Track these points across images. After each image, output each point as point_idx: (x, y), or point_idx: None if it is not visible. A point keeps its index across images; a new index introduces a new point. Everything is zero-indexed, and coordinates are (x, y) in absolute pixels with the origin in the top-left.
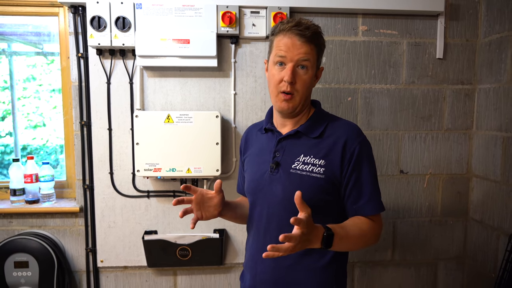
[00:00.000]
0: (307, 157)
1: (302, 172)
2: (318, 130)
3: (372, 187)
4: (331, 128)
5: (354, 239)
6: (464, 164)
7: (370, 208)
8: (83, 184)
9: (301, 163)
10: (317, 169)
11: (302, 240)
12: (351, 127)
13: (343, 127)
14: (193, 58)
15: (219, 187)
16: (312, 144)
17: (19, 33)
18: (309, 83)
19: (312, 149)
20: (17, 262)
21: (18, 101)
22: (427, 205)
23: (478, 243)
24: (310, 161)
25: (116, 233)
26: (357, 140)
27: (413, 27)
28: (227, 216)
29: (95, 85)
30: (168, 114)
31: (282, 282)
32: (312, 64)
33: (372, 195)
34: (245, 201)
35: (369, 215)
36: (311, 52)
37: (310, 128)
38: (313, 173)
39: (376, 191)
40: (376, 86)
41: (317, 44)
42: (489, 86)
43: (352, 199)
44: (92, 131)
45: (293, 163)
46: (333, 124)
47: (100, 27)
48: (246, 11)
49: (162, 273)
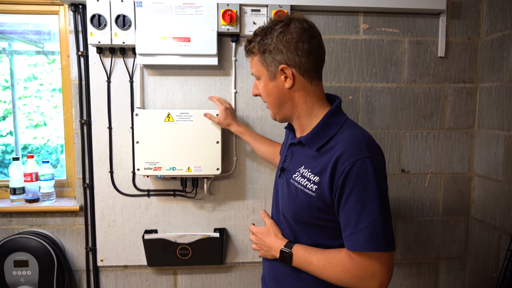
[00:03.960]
0: (306, 170)
1: (297, 185)
2: (319, 142)
3: (358, 218)
4: (335, 140)
5: (316, 269)
6: (466, 163)
7: (351, 243)
8: (83, 183)
9: (300, 175)
10: (310, 186)
11: (259, 245)
12: (350, 142)
13: (343, 140)
14: (193, 56)
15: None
16: (312, 156)
17: (19, 31)
18: (268, 90)
19: (312, 162)
20: (17, 261)
21: (19, 100)
22: (428, 204)
23: (479, 242)
24: (307, 175)
25: (116, 232)
26: (352, 159)
27: (414, 26)
28: (245, 137)
29: (95, 83)
30: (168, 112)
31: (273, 277)
32: (262, 71)
33: (357, 228)
34: (262, 141)
35: (351, 251)
36: (256, 63)
37: (312, 138)
38: (306, 189)
39: (368, 225)
40: (378, 84)
41: (259, 50)
42: (491, 84)
43: (342, 227)
44: (92, 129)
45: (294, 173)
46: (339, 135)
47: (100, 25)
48: (246, 9)
49: (162, 273)
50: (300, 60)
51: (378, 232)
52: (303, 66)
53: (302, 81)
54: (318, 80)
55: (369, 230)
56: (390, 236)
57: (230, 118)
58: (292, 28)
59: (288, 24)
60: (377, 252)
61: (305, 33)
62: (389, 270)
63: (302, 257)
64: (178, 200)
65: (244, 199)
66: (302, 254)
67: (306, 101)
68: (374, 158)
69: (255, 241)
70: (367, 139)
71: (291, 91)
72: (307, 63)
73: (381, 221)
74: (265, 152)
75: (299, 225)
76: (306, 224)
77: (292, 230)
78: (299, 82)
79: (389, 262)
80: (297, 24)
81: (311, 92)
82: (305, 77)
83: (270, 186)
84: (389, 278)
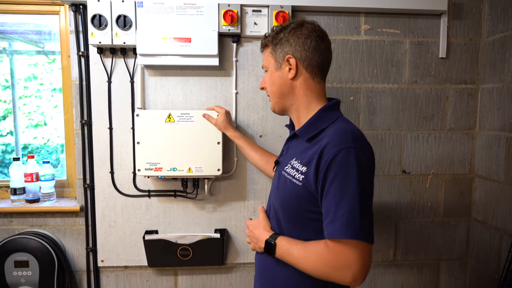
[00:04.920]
0: (296, 161)
1: (287, 176)
2: (310, 133)
3: (337, 206)
4: (325, 132)
5: (296, 259)
6: (467, 164)
7: (329, 231)
8: (84, 183)
9: (290, 166)
10: (298, 176)
11: (250, 238)
12: (338, 133)
13: (331, 132)
14: (194, 56)
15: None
16: (303, 148)
17: (20, 31)
18: (273, 79)
19: (302, 153)
20: (17, 262)
21: (19, 100)
22: (429, 206)
23: (481, 243)
24: (296, 166)
25: (117, 232)
26: (336, 149)
27: (416, 26)
28: (239, 141)
29: (96, 83)
30: (169, 113)
31: (260, 270)
32: (270, 62)
33: (335, 216)
34: (255, 149)
35: (328, 238)
36: (267, 56)
37: (305, 131)
38: (294, 179)
39: (345, 212)
40: (379, 85)
41: (272, 42)
42: (492, 85)
43: (323, 217)
44: (93, 130)
45: (286, 165)
46: (329, 128)
47: (101, 25)
48: (247, 9)
49: (163, 273)
50: (306, 54)
51: (355, 220)
52: (307, 60)
53: (304, 74)
54: (320, 79)
55: (346, 217)
56: (368, 227)
57: (228, 122)
58: (304, 27)
59: (302, 24)
60: (353, 240)
61: (315, 33)
62: (364, 262)
63: (284, 248)
64: (179, 201)
65: (245, 199)
66: (284, 245)
67: (306, 95)
68: (358, 149)
69: (248, 233)
70: (355, 133)
71: (293, 81)
72: (312, 58)
73: (359, 210)
74: (258, 161)
75: (285, 217)
76: (292, 215)
77: (278, 224)
78: (301, 74)
79: (365, 255)
80: (309, 25)
81: (312, 87)
82: (308, 70)
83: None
84: (364, 272)
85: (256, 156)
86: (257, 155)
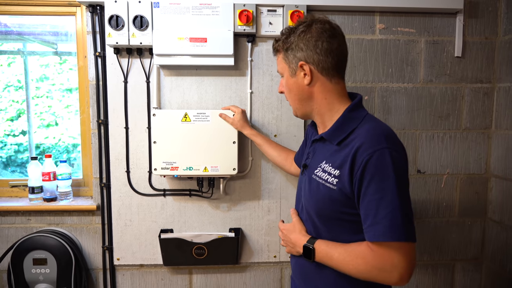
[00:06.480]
0: (327, 164)
1: (319, 180)
2: (339, 137)
3: (377, 209)
4: (355, 134)
5: (338, 262)
6: (483, 164)
7: (371, 234)
8: (100, 182)
9: (321, 170)
10: (331, 179)
11: (285, 241)
12: (371, 134)
13: (363, 133)
14: (210, 56)
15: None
16: (333, 150)
17: (36, 32)
18: (289, 86)
19: (332, 156)
20: (36, 259)
21: (32, 100)
22: (444, 205)
23: (497, 244)
24: (328, 170)
25: (132, 231)
26: (370, 150)
27: (431, 25)
28: (257, 139)
29: (113, 83)
30: (185, 112)
31: (300, 274)
32: (285, 68)
33: (376, 219)
34: (273, 146)
35: (370, 241)
36: (280, 61)
37: (333, 133)
38: (327, 183)
39: (386, 215)
40: (393, 85)
41: (283, 47)
42: (508, 84)
43: (362, 218)
44: (109, 129)
45: (316, 168)
46: (359, 129)
47: (118, 26)
48: (263, 9)
49: (178, 272)
50: (318, 58)
51: (397, 222)
52: (321, 64)
53: (320, 78)
54: (338, 79)
55: (388, 220)
56: (410, 226)
57: (244, 120)
58: (313, 28)
59: (310, 24)
60: (397, 242)
61: (325, 33)
62: (410, 261)
63: (323, 252)
64: (194, 200)
65: (260, 199)
66: (323, 249)
67: (326, 98)
68: (393, 149)
69: (282, 237)
70: (387, 131)
71: (310, 87)
72: (325, 61)
73: (400, 211)
74: (276, 157)
75: (321, 221)
76: (329, 219)
77: (314, 227)
78: (317, 79)
79: (410, 254)
80: (318, 25)
81: (331, 89)
82: (323, 74)
83: (285, 186)
84: (410, 270)
85: (275, 153)
86: (275, 152)
